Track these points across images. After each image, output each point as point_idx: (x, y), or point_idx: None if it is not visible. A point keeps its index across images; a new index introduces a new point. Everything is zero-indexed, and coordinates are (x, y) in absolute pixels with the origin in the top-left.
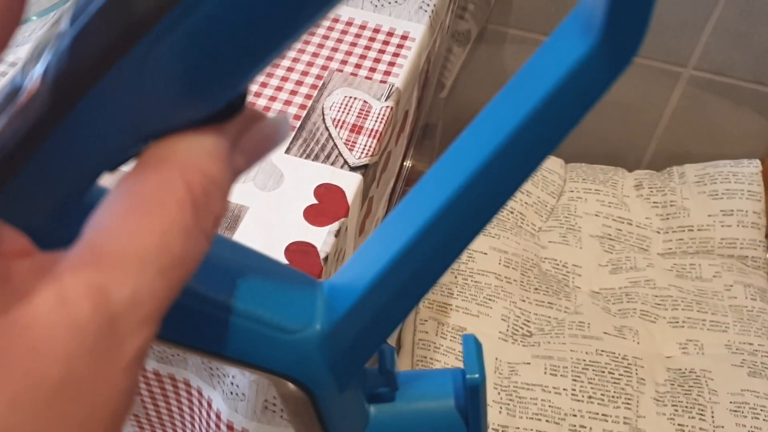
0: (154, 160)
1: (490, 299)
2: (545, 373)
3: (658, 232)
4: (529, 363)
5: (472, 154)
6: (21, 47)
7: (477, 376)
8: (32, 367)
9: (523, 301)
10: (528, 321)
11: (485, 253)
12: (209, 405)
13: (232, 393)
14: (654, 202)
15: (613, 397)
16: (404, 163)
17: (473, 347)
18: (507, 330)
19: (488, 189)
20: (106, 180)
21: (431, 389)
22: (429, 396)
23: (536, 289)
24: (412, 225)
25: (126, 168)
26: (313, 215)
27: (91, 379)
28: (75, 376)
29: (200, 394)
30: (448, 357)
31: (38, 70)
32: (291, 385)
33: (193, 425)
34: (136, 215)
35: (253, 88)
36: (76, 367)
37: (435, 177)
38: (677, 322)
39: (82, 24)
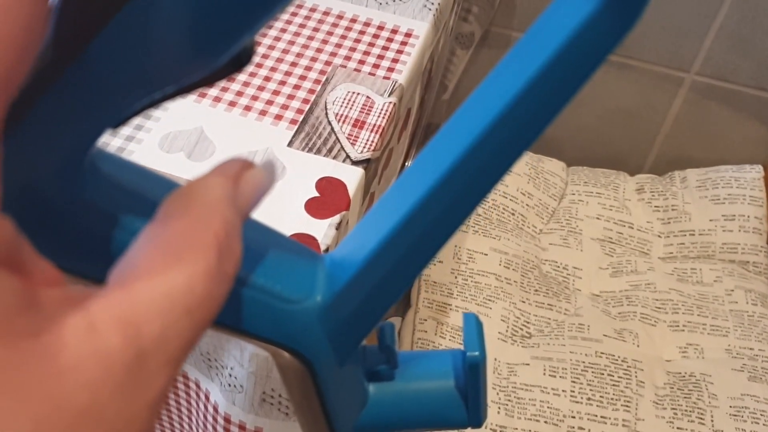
0: (178, 208)
1: (490, 300)
2: (544, 374)
3: (659, 236)
4: (528, 364)
5: (477, 118)
6: None
7: (477, 353)
8: (58, 392)
9: (523, 302)
10: (528, 322)
11: (486, 254)
12: (207, 397)
13: (230, 385)
14: (655, 206)
15: (612, 399)
16: (406, 163)
17: (474, 325)
18: (506, 331)
19: (491, 156)
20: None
21: (431, 369)
22: (429, 376)
23: (536, 290)
24: (412, 196)
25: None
26: (315, 208)
27: (115, 411)
28: (99, 405)
29: (198, 386)
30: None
31: None
32: (290, 357)
33: (190, 418)
34: (164, 259)
35: (257, 82)
36: (102, 397)
37: (437, 145)
38: (677, 326)
39: None
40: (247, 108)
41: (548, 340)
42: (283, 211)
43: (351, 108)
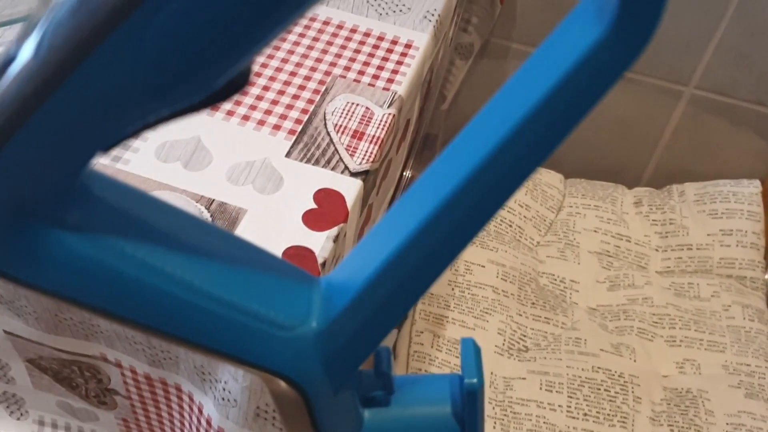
0: None
1: (486, 312)
2: (541, 388)
3: (656, 250)
4: (524, 378)
5: (480, 143)
6: None
7: (475, 381)
8: None
9: (520, 315)
10: (524, 336)
11: (483, 266)
12: (200, 411)
13: (223, 399)
14: (653, 220)
15: (608, 415)
16: (404, 173)
17: (472, 351)
18: (503, 344)
19: (494, 181)
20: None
21: (428, 394)
22: (425, 401)
23: (533, 303)
24: (414, 219)
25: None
26: (312, 220)
27: None
28: None
29: (191, 399)
30: (444, 370)
31: (33, 39)
32: (284, 385)
33: (182, 430)
34: None
35: (256, 91)
36: None
37: (438, 170)
38: (674, 341)
39: None
40: (245, 117)
41: (545, 354)
42: (280, 223)
43: (350, 119)
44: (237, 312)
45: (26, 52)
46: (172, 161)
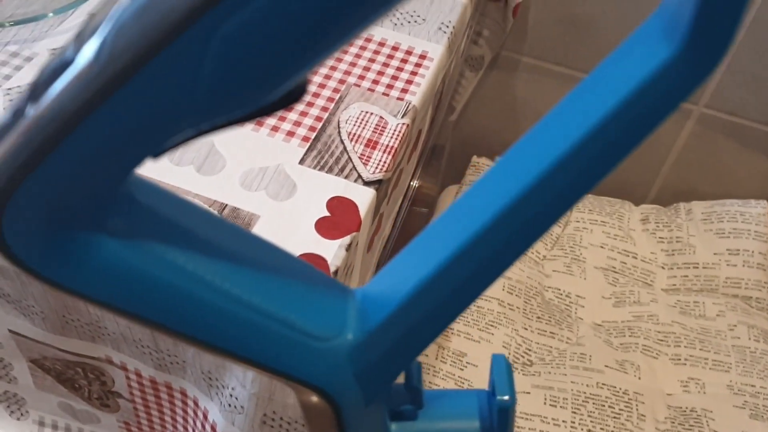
0: None
1: (492, 325)
2: (545, 403)
3: (662, 268)
4: (528, 392)
5: (533, 162)
6: (38, 42)
7: (507, 398)
8: None
9: (525, 329)
10: (529, 350)
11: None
12: (204, 416)
13: (230, 405)
14: (660, 238)
15: (612, 431)
16: (411, 183)
17: (504, 368)
18: (508, 357)
19: (545, 203)
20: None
21: (455, 409)
22: (453, 416)
23: (539, 317)
24: (460, 235)
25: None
26: (325, 228)
27: None
28: None
29: (196, 404)
30: (448, 382)
31: (93, 43)
32: (316, 396)
33: None
34: None
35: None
36: None
37: (488, 185)
38: (679, 360)
39: None
40: (259, 123)
41: (549, 369)
42: (293, 230)
43: (364, 128)
44: (274, 321)
45: (86, 55)
46: (186, 165)
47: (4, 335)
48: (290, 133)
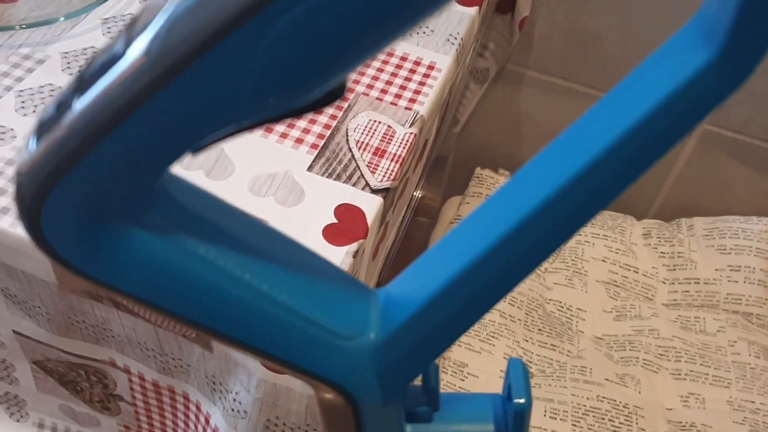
0: None
1: (493, 336)
2: (545, 415)
3: (663, 283)
4: None
5: (561, 166)
6: (50, 45)
7: (524, 401)
8: None
9: (526, 341)
10: (530, 361)
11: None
12: (206, 420)
13: (233, 410)
14: (661, 252)
15: None
16: (414, 193)
17: (520, 372)
18: None
19: (575, 204)
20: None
21: (470, 412)
22: (468, 419)
23: (540, 329)
24: (485, 239)
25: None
26: (333, 234)
27: None
28: None
29: (198, 408)
30: (448, 392)
31: (145, 37)
32: (335, 394)
33: None
34: None
35: None
36: None
37: (514, 190)
38: (679, 374)
39: None
40: (268, 129)
41: (550, 381)
42: (301, 236)
43: (372, 136)
44: (300, 318)
45: (137, 49)
46: (195, 169)
47: (8, 336)
48: (299, 140)
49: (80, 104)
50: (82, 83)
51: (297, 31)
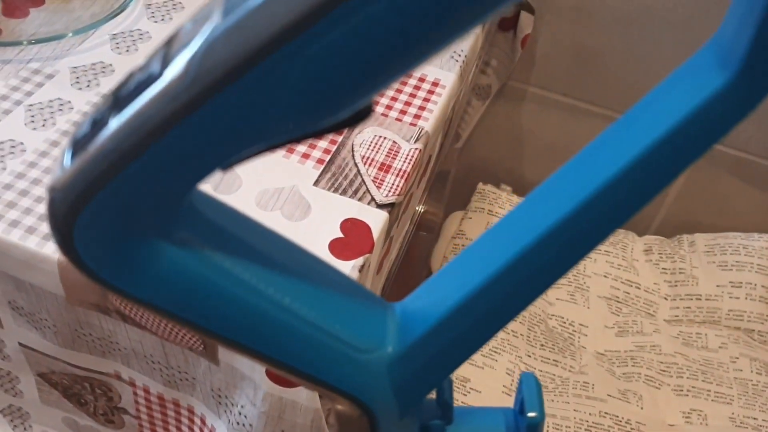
0: None
1: (495, 351)
2: (547, 431)
3: (665, 299)
4: None
5: (580, 183)
6: (59, 60)
7: (536, 414)
8: None
9: (529, 356)
10: None
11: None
12: None
13: (238, 423)
14: (663, 268)
15: None
16: (417, 208)
17: (534, 386)
18: (511, 384)
19: (591, 224)
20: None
21: (482, 426)
22: None
23: (542, 345)
24: (500, 257)
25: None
26: (339, 248)
27: None
28: None
29: (203, 422)
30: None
31: (182, 59)
32: (353, 407)
33: None
34: None
35: None
36: None
37: (532, 206)
38: (682, 391)
39: (238, 17)
40: None
41: (552, 397)
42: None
43: (377, 151)
44: (320, 332)
45: (174, 70)
46: (203, 184)
47: (14, 348)
48: (305, 155)
49: (117, 122)
50: (118, 101)
51: (332, 55)
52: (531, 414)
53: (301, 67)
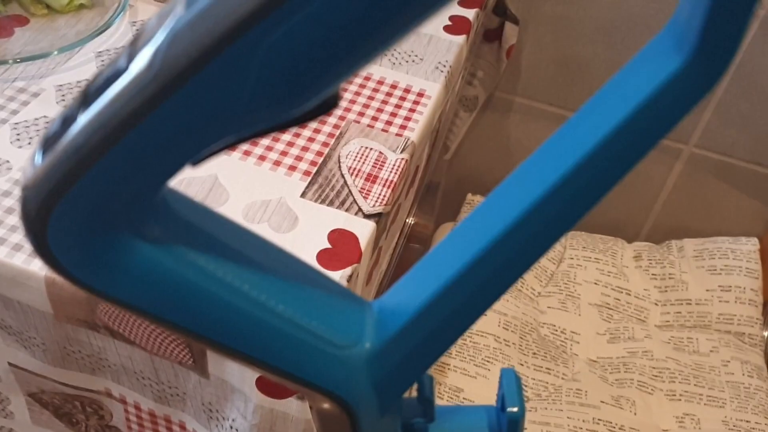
0: None
1: (488, 361)
2: None
3: (656, 304)
4: (525, 429)
5: (546, 172)
6: (45, 78)
7: (517, 409)
8: None
9: (521, 365)
10: (525, 385)
11: (485, 315)
12: None
13: None
14: (653, 274)
15: None
16: (407, 220)
17: (513, 381)
18: None
19: (557, 213)
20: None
21: (465, 424)
22: (462, 430)
23: (534, 353)
24: (470, 249)
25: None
26: (326, 259)
27: None
28: None
29: None
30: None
31: (147, 52)
32: (332, 404)
33: None
34: None
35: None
36: None
37: (500, 197)
38: (674, 395)
39: (200, 8)
40: (262, 158)
41: (546, 405)
42: None
43: (364, 162)
44: (297, 328)
45: (139, 64)
46: (174, 179)
47: (4, 369)
48: (292, 167)
49: (85, 117)
50: (86, 97)
51: (292, 43)
52: (511, 409)
53: (264, 56)
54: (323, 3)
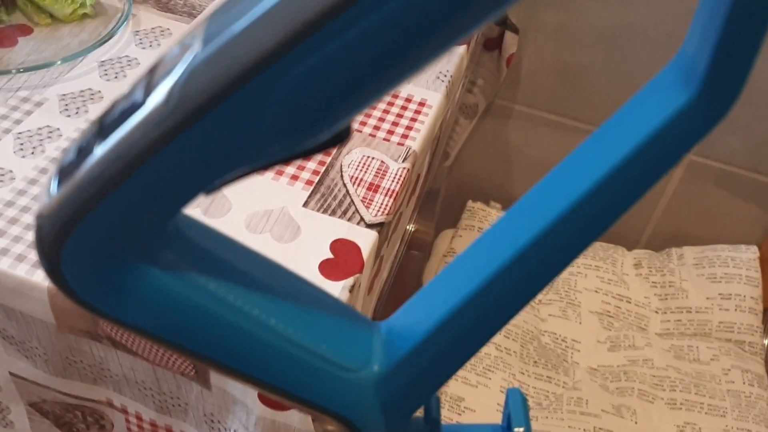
0: None
1: (489, 370)
2: None
3: (656, 312)
4: None
5: (554, 200)
6: (48, 88)
7: (523, 429)
8: None
9: (522, 373)
10: (526, 394)
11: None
12: None
13: None
14: (653, 282)
15: None
16: (408, 227)
17: (519, 401)
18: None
19: (567, 237)
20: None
21: None
22: None
23: (535, 362)
24: (482, 272)
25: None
26: (329, 269)
27: None
28: None
29: None
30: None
31: (165, 86)
32: (338, 425)
33: None
34: None
35: None
36: None
37: (508, 224)
38: (675, 404)
39: (218, 45)
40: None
41: (547, 414)
42: (297, 272)
43: (366, 172)
44: (306, 352)
45: (156, 98)
46: (192, 208)
47: (5, 378)
48: (294, 177)
49: (101, 149)
50: (102, 129)
51: (309, 81)
52: (518, 429)
53: (280, 93)
54: (340, 45)
